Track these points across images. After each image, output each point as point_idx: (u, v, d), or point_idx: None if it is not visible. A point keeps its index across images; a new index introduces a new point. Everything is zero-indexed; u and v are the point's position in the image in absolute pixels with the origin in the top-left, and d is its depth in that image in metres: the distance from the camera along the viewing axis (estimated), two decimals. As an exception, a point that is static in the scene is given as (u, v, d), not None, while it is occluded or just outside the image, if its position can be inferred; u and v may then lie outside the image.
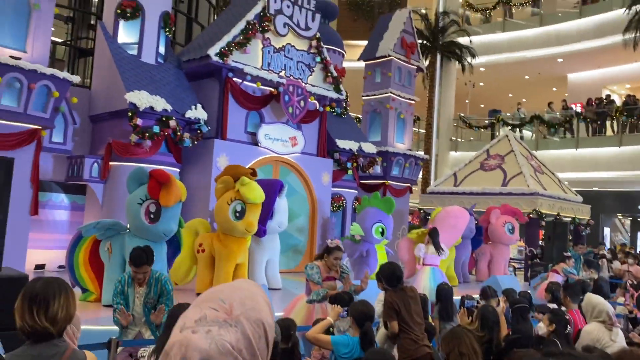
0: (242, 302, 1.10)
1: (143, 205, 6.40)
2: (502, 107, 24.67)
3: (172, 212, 6.53)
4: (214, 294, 1.12)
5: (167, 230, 6.49)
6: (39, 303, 2.08)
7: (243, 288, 1.15)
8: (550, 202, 14.20)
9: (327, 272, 5.32)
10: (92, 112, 10.40)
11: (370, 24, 23.92)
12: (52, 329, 2.09)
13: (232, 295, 1.10)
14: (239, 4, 12.35)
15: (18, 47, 8.38)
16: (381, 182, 14.87)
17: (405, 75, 15.58)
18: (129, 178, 6.64)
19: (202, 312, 1.06)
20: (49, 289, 2.13)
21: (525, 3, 22.57)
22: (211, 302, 1.09)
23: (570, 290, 5.66)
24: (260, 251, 8.91)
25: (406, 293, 4.50)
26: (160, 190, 6.36)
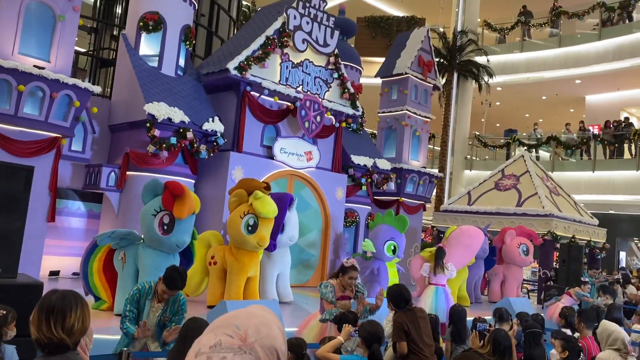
0: (256, 329, 1.11)
1: (157, 216, 6.45)
2: (518, 127, 24.54)
3: (186, 224, 6.57)
4: (229, 319, 1.13)
5: (180, 242, 6.53)
6: (56, 315, 2.11)
7: (258, 315, 1.16)
8: (566, 225, 14.05)
9: (342, 291, 5.28)
10: (112, 121, 10.55)
11: (388, 41, 24.02)
12: (68, 340, 2.12)
13: (247, 322, 1.11)
14: (259, 19, 12.51)
15: (42, 57, 8.57)
16: (395, 198, 14.85)
17: (421, 93, 15.61)
18: (144, 189, 6.70)
19: (217, 338, 1.07)
20: (66, 302, 2.17)
21: (544, 24, 22.52)
22: (226, 328, 1.10)
23: (585, 316, 5.58)
24: (271, 265, 8.92)
25: (416, 314, 4.45)
26: (175, 202, 6.41)
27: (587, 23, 22.10)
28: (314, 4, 11.74)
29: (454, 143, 21.78)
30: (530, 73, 22.34)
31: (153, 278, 6.29)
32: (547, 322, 6.66)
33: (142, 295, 4.40)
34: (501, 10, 24.26)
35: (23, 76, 8.05)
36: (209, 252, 8.15)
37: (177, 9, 10.78)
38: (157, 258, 6.55)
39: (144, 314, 4.36)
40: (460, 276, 10.65)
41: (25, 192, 5.27)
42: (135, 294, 4.41)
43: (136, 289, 4.45)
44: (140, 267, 6.57)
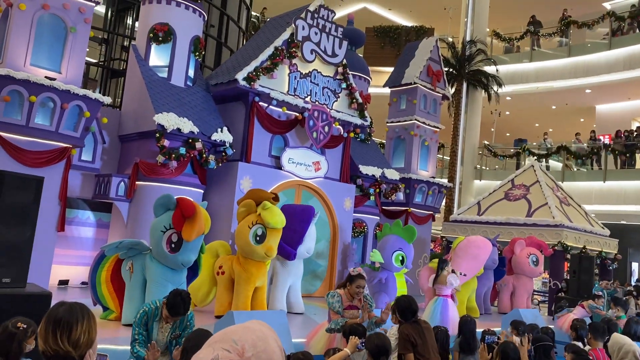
0: (254, 344, 1.12)
1: (166, 233, 6.45)
2: (528, 136, 24.42)
3: (193, 244, 6.54)
4: (227, 334, 1.14)
5: (186, 262, 6.54)
6: (63, 327, 2.12)
7: (255, 330, 1.17)
8: (576, 235, 13.92)
9: (350, 300, 5.24)
10: (122, 132, 10.64)
11: (397, 51, 24.06)
12: (74, 353, 2.12)
13: (244, 337, 1.12)
14: (268, 30, 12.59)
15: (53, 68, 8.68)
16: (404, 209, 14.80)
17: (430, 102, 15.61)
18: (157, 203, 6.70)
19: (215, 353, 1.09)
20: (73, 314, 2.18)
21: (553, 33, 22.47)
22: (224, 343, 1.11)
23: (594, 328, 5.52)
24: (285, 275, 8.93)
25: (421, 325, 4.43)
26: (184, 223, 6.38)
27: (597, 32, 22.02)
28: (322, 14, 11.81)
29: (463, 153, 21.71)
30: (539, 83, 22.27)
31: (161, 289, 6.33)
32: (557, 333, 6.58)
33: (149, 317, 4.39)
34: (510, 20, 24.26)
35: (34, 87, 8.15)
36: (217, 262, 8.15)
37: (186, 20, 10.89)
38: (164, 269, 6.56)
39: (152, 335, 4.35)
40: (469, 287, 10.58)
41: (35, 202, 5.31)
42: (143, 316, 4.39)
43: (143, 311, 4.43)
44: (148, 278, 6.59)
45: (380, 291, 9.76)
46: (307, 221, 8.84)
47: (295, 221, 8.85)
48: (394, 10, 27.94)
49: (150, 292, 6.44)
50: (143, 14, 10.99)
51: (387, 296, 9.69)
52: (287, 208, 9.16)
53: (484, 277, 11.29)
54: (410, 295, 4.92)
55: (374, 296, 9.78)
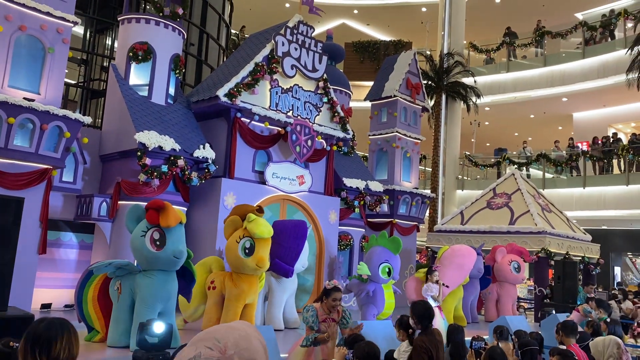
0: (236, 342, 1.13)
1: (147, 234, 6.43)
2: (507, 145, 24.76)
3: (176, 234, 6.53)
4: (209, 333, 1.16)
5: (177, 252, 6.44)
6: (41, 344, 2.09)
7: (239, 329, 1.18)
8: (559, 241, 14.09)
9: (327, 314, 5.13)
10: (102, 151, 10.56)
11: (376, 65, 24.33)
12: None
13: (226, 336, 1.14)
14: (247, 46, 12.66)
15: (32, 89, 8.62)
16: (388, 220, 14.86)
17: (410, 115, 15.78)
18: (127, 217, 6.68)
19: (197, 351, 1.10)
20: (52, 330, 2.14)
21: (528, 44, 22.93)
22: (207, 341, 1.12)
23: (564, 326, 5.64)
24: (280, 291, 8.90)
25: (435, 337, 4.32)
26: (159, 215, 6.42)
27: (571, 42, 22.54)
28: (301, 30, 11.92)
29: (444, 163, 21.92)
30: (517, 92, 22.67)
31: (151, 309, 6.25)
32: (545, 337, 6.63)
33: None
34: (486, 32, 24.73)
35: (13, 108, 8.07)
36: (210, 276, 8.09)
37: (166, 38, 10.90)
38: (154, 288, 6.47)
39: None
40: (456, 296, 10.63)
41: (15, 223, 5.25)
42: None
43: None
44: (138, 298, 6.49)
45: (368, 303, 9.74)
46: (302, 237, 8.81)
47: (290, 238, 8.78)
48: (372, 25, 28.30)
49: (139, 313, 6.35)
50: (122, 33, 10.98)
51: (375, 308, 9.68)
52: (278, 224, 9.10)
53: (470, 285, 11.34)
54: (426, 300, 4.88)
55: (362, 308, 9.77)
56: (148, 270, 6.51)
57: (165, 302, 6.47)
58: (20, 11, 8.51)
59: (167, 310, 6.58)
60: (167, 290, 6.53)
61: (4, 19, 8.35)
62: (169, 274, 6.60)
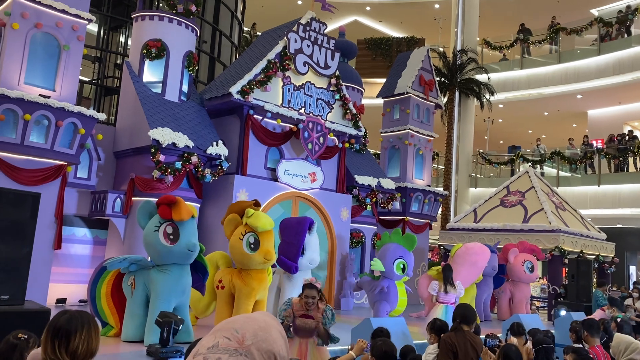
0: (254, 333, 1.13)
1: (160, 229, 6.47)
2: (521, 143, 24.54)
3: (189, 227, 6.59)
4: (229, 323, 1.16)
5: (191, 245, 6.49)
6: (61, 337, 2.11)
7: (258, 320, 1.19)
8: (573, 240, 13.95)
9: (305, 310, 4.85)
10: (116, 148, 10.64)
11: (389, 62, 24.22)
12: None
13: (245, 326, 1.14)
14: (260, 43, 12.68)
15: (47, 86, 8.71)
16: (400, 218, 14.82)
17: (423, 112, 15.70)
18: (138, 213, 6.72)
19: (216, 340, 1.11)
20: (72, 323, 2.15)
21: (542, 41, 22.70)
22: (225, 331, 1.13)
23: (588, 325, 5.55)
24: (291, 287, 8.89)
25: (466, 337, 4.20)
26: (172, 210, 6.47)
27: (586, 39, 22.27)
28: (314, 27, 11.91)
29: (458, 161, 21.79)
30: (531, 90, 22.46)
31: (165, 304, 6.30)
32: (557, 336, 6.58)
33: None
34: (500, 28, 24.51)
35: (29, 105, 8.17)
36: (217, 275, 8.10)
37: (179, 35, 10.95)
38: (169, 282, 6.51)
39: None
40: (468, 294, 10.57)
41: (32, 218, 5.31)
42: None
43: None
44: (153, 293, 6.53)
45: (381, 300, 9.74)
46: (302, 232, 8.81)
47: (292, 234, 8.84)
48: (384, 22, 28.18)
49: (155, 307, 6.38)
50: (136, 30, 11.05)
51: (389, 305, 9.68)
52: (284, 222, 9.18)
53: (483, 283, 11.28)
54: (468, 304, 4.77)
55: (375, 305, 9.75)
56: (162, 265, 6.54)
57: (180, 296, 6.51)
58: (36, 9, 8.60)
59: (181, 304, 6.62)
60: (182, 284, 6.56)
61: (20, 16, 8.44)
62: (183, 268, 6.64)
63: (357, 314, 10.80)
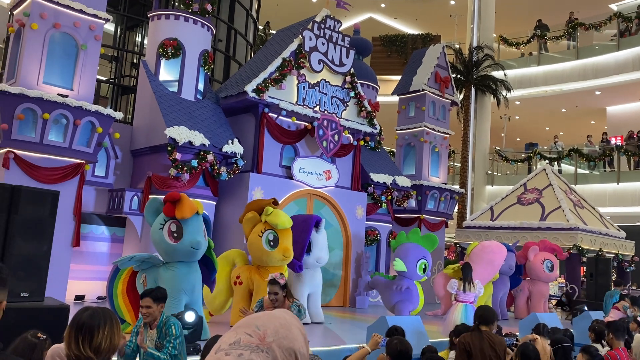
0: (275, 330, 1.14)
1: (164, 227, 6.50)
2: (538, 140, 24.29)
3: (193, 225, 6.54)
4: (250, 320, 1.17)
5: (194, 242, 6.46)
6: (84, 332, 2.15)
7: (279, 317, 1.20)
8: (592, 238, 13.78)
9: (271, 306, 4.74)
10: (133, 146, 10.73)
11: (404, 59, 24.13)
12: (95, 359, 2.14)
13: (267, 323, 1.15)
14: (275, 42, 12.70)
15: (65, 85, 8.81)
16: (416, 216, 14.75)
17: (439, 109, 15.60)
18: (146, 210, 6.76)
19: (237, 337, 1.12)
20: (95, 319, 2.20)
21: (560, 37, 22.42)
22: (247, 328, 1.14)
23: (614, 328, 5.46)
24: (300, 285, 8.90)
25: (483, 337, 4.13)
26: (175, 208, 6.48)
27: (605, 34, 21.94)
28: (329, 25, 11.89)
29: (474, 158, 21.63)
30: (548, 86, 22.20)
31: (176, 300, 6.33)
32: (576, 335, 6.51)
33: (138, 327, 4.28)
34: (516, 24, 24.25)
35: (47, 104, 8.27)
36: (234, 271, 8.15)
37: (195, 34, 11.01)
38: (177, 280, 6.54)
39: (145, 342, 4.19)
40: (485, 292, 10.48)
41: (51, 216, 5.37)
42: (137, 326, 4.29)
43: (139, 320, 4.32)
44: None
45: (404, 300, 9.73)
46: (307, 231, 8.78)
47: (296, 232, 8.82)
48: (399, 19, 28.05)
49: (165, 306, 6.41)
50: (152, 30, 11.13)
51: (411, 304, 9.67)
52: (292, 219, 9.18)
53: (500, 282, 11.19)
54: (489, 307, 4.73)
55: (397, 305, 9.70)
56: (169, 263, 6.58)
57: (190, 293, 6.53)
58: (54, 9, 8.70)
59: (193, 301, 6.63)
60: (190, 281, 6.57)
61: (39, 17, 8.55)
62: (191, 265, 6.64)
63: (373, 312, 10.78)
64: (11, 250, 5.03)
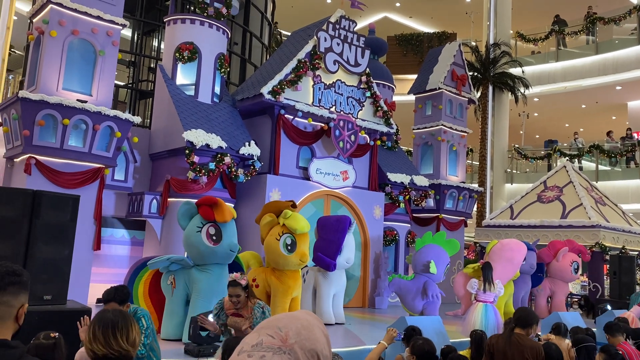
0: (297, 331, 1.14)
1: (202, 230, 6.57)
2: (558, 137, 23.98)
3: (231, 228, 6.73)
4: (272, 322, 1.17)
5: (232, 245, 6.64)
6: (121, 329, 2.21)
7: (301, 318, 1.19)
8: (614, 235, 13.55)
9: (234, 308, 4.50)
10: (152, 150, 10.84)
11: (420, 58, 24.00)
12: (132, 352, 2.22)
13: (289, 325, 1.15)
14: (290, 43, 12.73)
15: (84, 91, 8.93)
16: (434, 215, 14.66)
17: (456, 107, 15.49)
18: (179, 214, 6.82)
19: (260, 338, 1.12)
20: (125, 317, 2.28)
21: (579, 31, 22.10)
22: (269, 329, 1.14)
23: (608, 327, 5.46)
24: (327, 285, 8.92)
25: (512, 340, 3.98)
26: (214, 211, 6.56)
27: (625, 28, 21.57)
28: (343, 25, 11.88)
29: (492, 156, 21.44)
30: (567, 82, 21.89)
31: (208, 302, 6.39)
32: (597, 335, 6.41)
33: None
34: (534, 20, 23.98)
35: (67, 110, 8.40)
36: (250, 274, 8.18)
37: (210, 38, 11.08)
38: (211, 282, 6.63)
39: None
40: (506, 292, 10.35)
41: (72, 220, 5.45)
42: None
43: None
44: (195, 292, 6.63)
45: (435, 301, 9.75)
46: (343, 231, 8.85)
47: (331, 232, 8.88)
48: (414, 17, 27.92)
49: (195, 306, 6.49)
50: (168, 34, 11.23)
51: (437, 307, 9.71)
52: (323, 220, 9.23)
53: (521, 281, 11.04)
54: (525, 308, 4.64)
55: (429, 307, 9.66)
56: (203, 265, 6.65)
57: (220, 295, 6.59)
58: (72, 16, 8.83)
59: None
60: (223, 283, 6.63)
61: (57, 24, 8.68)
62: (223, 268, 6.76)
63: (392, 313, 10.73)
64: (34, 254, 5.11)
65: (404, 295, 9.90)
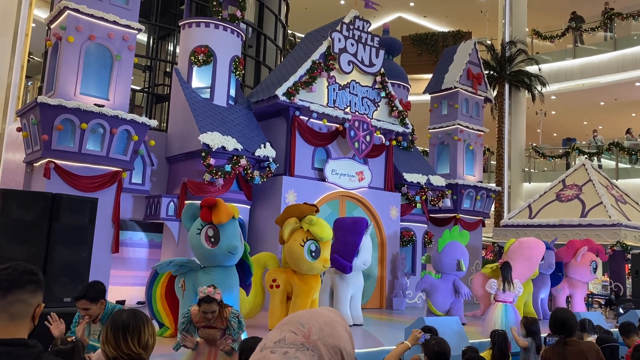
0: (320, 328, 1.13)
1: (201, 232, 6.56)
2: (576, 135, 23.67)
3: (230, 229, 6.56)
4: (295, 318, 1.17)
5: (231, 247, 6.49)
6: (132, 332, 2.22)
7: (323, 315, 1.18)
8: (636, 234, 13.33)
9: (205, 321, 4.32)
10: (169, 153, 10.92)
11: (435, 57, 23.87)
12: (144, 355, 2.21)
13: (311, 321, 1.14)
14: (304, 45, 12.74)
15: (101, 95, 9.03)
16: (452, 215, 14.55)
17: (472, 106, 15.37)
18: (183, 216, 6.83)
19: (282, 335, 1.11)
20: (138, 319, 2.28)
21: (596, 28, 21.80)
22: (291, 326, 1.13)
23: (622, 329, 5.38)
24: (344, 287, 8.91)
25: (566, 349, 3.82)
26: (211, 213, 6.52)
27: (643, 23, 21.24)
28: (357, 26, 11.86)
29: (510, 155, 21.23)
30: (585, 79, 21.60)
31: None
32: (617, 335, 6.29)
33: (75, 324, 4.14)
34: (550, 18, 23.71)
35: (85, 114, 8.50)
36: (269, 274, 8.15)
37: (225, 41, 11.14)
38: (215, 282, 6.60)
39: None
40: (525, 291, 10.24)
41: (91, 223, 5.50)
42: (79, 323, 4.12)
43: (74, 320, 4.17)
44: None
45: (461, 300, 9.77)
46: (360, 233, 8.83)
47: (348, 234, 8.86)
48: (429, 17, 27.79)
49: None
50: (183, 38, 11.31)
51: None
52: (339, 221, 9.21)
53: (540, 280, 10.92)
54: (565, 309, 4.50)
55: (457, 306, 9.63)
56: (207, 267, 6.65)
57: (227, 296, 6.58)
58: (89, 22, 8.94)
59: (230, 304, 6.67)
60: (228, 285, 6.62)
61: (74, 30, 8.79)
62: (228, 269, 6.69)
63: (410, 314, 10.67)
64: (53, 256, 5.17)
65: (433, 293, 9.78)
